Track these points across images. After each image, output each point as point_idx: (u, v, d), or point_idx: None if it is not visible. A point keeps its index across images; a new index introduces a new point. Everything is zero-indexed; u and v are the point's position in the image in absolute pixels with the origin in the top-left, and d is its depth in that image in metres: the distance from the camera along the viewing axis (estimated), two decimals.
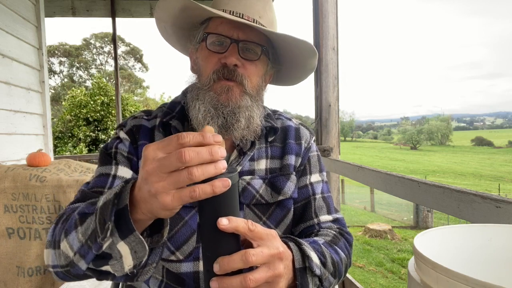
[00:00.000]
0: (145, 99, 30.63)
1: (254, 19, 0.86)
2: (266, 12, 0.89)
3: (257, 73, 0.88)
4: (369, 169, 2.01)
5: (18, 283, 2.03)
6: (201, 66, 0.88)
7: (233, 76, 0.83)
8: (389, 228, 10.38)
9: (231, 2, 0.86)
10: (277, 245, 0.58)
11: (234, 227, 0.52)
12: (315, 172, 0.98)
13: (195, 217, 0.84)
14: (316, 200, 0.94)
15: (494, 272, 0.61)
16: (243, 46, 0.85)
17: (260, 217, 0.88)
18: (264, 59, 0.90)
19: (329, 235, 0.87)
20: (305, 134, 1.00)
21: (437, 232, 0.63)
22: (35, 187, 2.04)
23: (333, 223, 0.94)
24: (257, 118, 0.88)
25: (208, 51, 0.86)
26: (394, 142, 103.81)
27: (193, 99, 0.87)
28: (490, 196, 1.08)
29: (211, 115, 0.83)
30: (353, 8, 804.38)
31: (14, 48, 2.81)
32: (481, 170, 44.58)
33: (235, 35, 0.84)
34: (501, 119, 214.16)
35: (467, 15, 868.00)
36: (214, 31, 0.85)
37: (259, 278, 0.55)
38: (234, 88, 0.84)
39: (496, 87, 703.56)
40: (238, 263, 0.53)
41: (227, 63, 0.83)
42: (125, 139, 0.89)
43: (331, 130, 2.38)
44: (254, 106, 0.87)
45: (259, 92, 0.90)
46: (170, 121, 0.90)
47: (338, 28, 2.31)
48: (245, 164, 0.90)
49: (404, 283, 6.91)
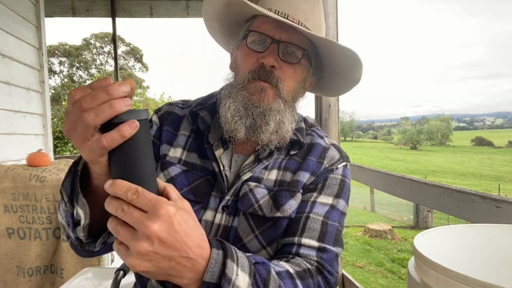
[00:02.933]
0: (145, 99, 30.61)
1: (300, 21, 0.83)
2: (313, 15, 0.85)
3: (294, 78, 0.85)
4: (369, 169, 2.01)
5: (18, 283, 2.03)
6: (239, 64, 0.87)
7: (268, 78, 0.81)
8: (389, 228, 10.38)
9: (278, 2, 0.84)
10: (152, 226, 0.48)
11: (113, 192, 0.49)
12: (328, 194, 0.85)
13: (199, 212, 0.84)
14: (309, 219, 0.81)
15: (494, 272, 0.61)
16: (284, 48, 0.82)
17: (253, 229, 0.81)
18: (305, 64, 0.86)
19: (300, 265, 0.73)
20: (332, 155, 0.90)
21: (437, 232, 0.63)
22: (35, 187, 2.04)
23: (317, 252, 0.78)
24: (288, 124, 0.84)
25: (248, 49, 0.84)
26: (394, 142, 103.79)
27: (225, 97, 0.85)
28: (490, 196, 1.08)
29: (240, 115, 0.81)
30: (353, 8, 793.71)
31: (14, 48, 2.81)
32: (481, 170, 44.56)
33: (277, 35, 0.81)
34: (501, 119, 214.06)
35: (468, 15, 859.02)
36: (256, 29, 0.84)
37: (122, 233, 0.49)
38: (268, 89, 0.82)
39: (496, 87, 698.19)
40: (117, 205, 0.49)
41: (265, 63, 0.81)
42: (155, 123, 0.93)
43: (331, 130, 2.37)
44: (286, 111, 0.84)
45: (294, 98, 0.88)
46: (199, 111, 0.90)
47: (338, 28, 2.30)
48: (257, 171, 0.86)
49: (404, 283, 6.91)
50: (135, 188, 0.49)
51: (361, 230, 10.71)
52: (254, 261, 0.63)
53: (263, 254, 0.83)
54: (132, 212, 0.48)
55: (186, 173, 0.86)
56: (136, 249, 0.48)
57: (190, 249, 0.51)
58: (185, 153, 0.88)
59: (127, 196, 0.48)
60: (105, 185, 0.50)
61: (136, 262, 0.49)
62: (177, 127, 0.91)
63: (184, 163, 0.87)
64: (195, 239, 0.52)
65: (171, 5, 3.94)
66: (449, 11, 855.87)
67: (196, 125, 0.90)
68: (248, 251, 0.82)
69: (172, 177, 0.85)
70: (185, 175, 0.86)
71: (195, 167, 0.87)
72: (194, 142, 0.90)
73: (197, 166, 0.87)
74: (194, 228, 0.53)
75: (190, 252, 0.52)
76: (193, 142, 0.90)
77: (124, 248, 0.50)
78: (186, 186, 0.84)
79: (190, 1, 3.92)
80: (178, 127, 0.91)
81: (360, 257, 8.32)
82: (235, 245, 0.82)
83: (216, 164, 0.85)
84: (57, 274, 2.08)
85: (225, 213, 0.83)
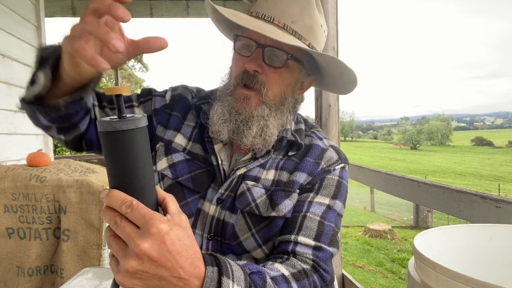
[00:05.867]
0: None
1: (286, 24, 0.82)
2: (302, 17, 0.84)
3: (281, 81, 0.85)
4: (369, 169, 2.01)
5: (18, 283, 2.03)
6: (232, 68, 0.90)
7: (252, 83, 0.82)
8: (389, 228, 10.37)
9: (266, 5, 0.84)
10: (142, 244, 0.46)
11: (108, 203, 0.48)
12: (325, 195, 0.86)
13: (197, 201, 0.87)
14: (306, 218, 0.82)
15: (494, 272, 0.61)
16: (269, 52, 0.82)
17: (250, 227, 0.83)
18: (294, 67, 0.86)
19: (295, 266, 0.73)
20: (330, 156, 0.91)
21: (437, 232, 0.63)
22: (35, 187, 2.04)
23: (313, 250, 0.78)
24: (273, 128, 0.85)
25: (237, 54, 0.86)
26: (394, 142, 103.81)
27: (215, 99, 0.89)
28: (490, 196, 1.08)
29: (224, 119, 0.84)
30: (353, 8, 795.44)
31: (14, 48, 2.81)
32: (481, 170, 44.57)
33: (262, 39, 0.81)
34: (501, 119, 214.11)
35: (468, 15, 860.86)
36: (243, 34, 0.85)
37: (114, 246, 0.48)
38: (252, 98, 0.83)
39: (496, 87, 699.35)
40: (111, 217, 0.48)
41: (247, 68, 0.82)
42: (165, 100, 0.96)
43: (331, 130, 2.37)
44: (271, 115, 0.85)
45: (283, 102, 0.88)
46: (202, 106, 0.93)
47: (338, 28, 2.30)
48: (253, 169, 0.88)
49: (404, 283, 6.91)
50: (130, 201, 0.47)
51: (361, 230, 10.71)
52: (249, 271, 0.62)
53: (259, 252, 0.85)
54: (124, 226, 0.47)
55: (188, 161, 0.90)
56: (125, 266, 0.47)
57: (182, 269, 0.50)
58: (190, 143, 0.92)
59: (121, 209, 0.47)
60: (101, 194, 0.50)
61: (124, 279, 0.48)
62: (185, 115, 0.95)
63: (188, 152, 0.91)
64: (188, 258, 0.51)
65: (171, 5, 3.94)
66: (449, 11, 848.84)
67: (199, 118, 0.93)
68: (244, 249, 0.85)
69: (174, 163, 0.89)
70: (187, 163, 0.89)
71: (197, 157, 0.90)
72: (199, 134, 0.93)
73: (199, 157, 0.91)
74: (188, 246, 0.51)
75: (182, 272, 0.50)
76: (197, 134, 0.93)
77: (115, 262, 0.50)
78: (187, 174, 0.88)
79: (190, 1, 3.92)
80: (186, 115, 0.95)
81: (360, 257, 8.31)
82: (232, 242, 0.85)
83: (215, 158, 0.88)
84: (57, 274, 2.08)
85: (219, 206, 0.86)
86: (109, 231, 0.50)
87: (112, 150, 0.48)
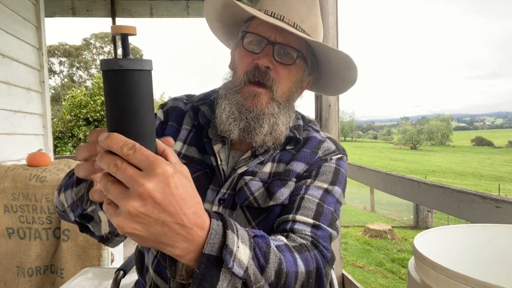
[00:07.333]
0: None
1: (295, 23, 0.84)
2: (309, 17, 0.86)
3: (289, 79, 0.86)
4: (369, 169, 2.01)
5: (18, 283, 2.03)
6: (236, 64, 0.89)
7: (263, 79, 0.82)
8: (389, 228, 10.37)
9: (274, 3, 0.85)
10: (147, 184, 0.43)
11: (108, 145, 0.45)
12: (323, 181, 0.84)
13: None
14: (304, 199, 0.80)
15: (494, 272, 0.61)
16: (279, 49, 0.84)
17: (250, 221, 0.82)
18: (301, 65, 0.87)
19: (296, 240, 0.71)
20: (327, 147, 0.91)
21: (437, 232, 0.63)
22: (35, 187, 2.04)
23: (311, 228, 0.76)
24: (282, 126, 0.86)
25: (245, 50, 0.86)
26: (394, 142, 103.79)
27: (221, 97, 0.88)
28: (490, 196, 1.08)
29: (234, 117, 0.83)
30: (353, 8, 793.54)
31: (14, 48, 2.81)
32: (481, 170, 44.57)
33: (273, 36, 0.83)
34: (501, 119, 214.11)
35: (468, 15, 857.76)
36: (252, 30, 0.85)
37: (113, 190, 0.45)
38: (262, 95, 0.83)
39: (496, 87, 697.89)
40: (110, 160, 0.45)
41: (259, 64, 0.82)
42: (158, 118, 0.95)
43: (331, 130, 2.37)
44: (280, 113, 0.85)
45: (289, 99, 0.89)
46: (200, 106, 0.92)
47: (338, 28, 2.30)
48: (251, 165, 0.88)
49: (404, 283, 6.91)
50: (132, 144, 0.44)
51: (361, 230, 10.71)
52: (253, 234, 0.60)
53: None
54: (126, 168, 0.44)
55: None
56: (126, 208, 0.43)
57: (185, 216, 0.47)
58: (185, 147, 0.91)
59: (122, 151, 0.44)
60: (99, 137, 0.46)
61: (125, 222, 0.44)
62: (180, 121, 0.93)
63: (183, 156, 0.90)
64: (191, 206, 0.47)
65: (171, 5, 3.94)
66: (449, 11, 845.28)
67: (197, 119, 0.92)
68: None
69: None
70: None
71: (193, 160, 0.89)
72: (195, 136, 0.92)
73: (195, 160, 0.90)
74: (191, 194, 0.48)
75: (185, 219, 0.46)
76: (193, 137, 0.92)
77: (113, 208, 0.45)
78: None
79: (190, 1, 3.92)
80: (181, 121, 0.93)
81: (360, 257, 8.31)
82: None
83: (214, 158, 0.88)
84: (57, 274, 2.08)
85: (221, 206, 0.85)
86: (105, 178, 0.46)
87: (116, 90, 0.45)
